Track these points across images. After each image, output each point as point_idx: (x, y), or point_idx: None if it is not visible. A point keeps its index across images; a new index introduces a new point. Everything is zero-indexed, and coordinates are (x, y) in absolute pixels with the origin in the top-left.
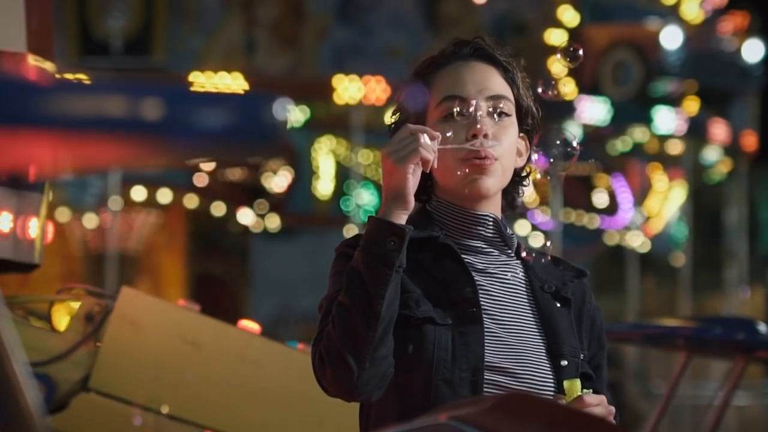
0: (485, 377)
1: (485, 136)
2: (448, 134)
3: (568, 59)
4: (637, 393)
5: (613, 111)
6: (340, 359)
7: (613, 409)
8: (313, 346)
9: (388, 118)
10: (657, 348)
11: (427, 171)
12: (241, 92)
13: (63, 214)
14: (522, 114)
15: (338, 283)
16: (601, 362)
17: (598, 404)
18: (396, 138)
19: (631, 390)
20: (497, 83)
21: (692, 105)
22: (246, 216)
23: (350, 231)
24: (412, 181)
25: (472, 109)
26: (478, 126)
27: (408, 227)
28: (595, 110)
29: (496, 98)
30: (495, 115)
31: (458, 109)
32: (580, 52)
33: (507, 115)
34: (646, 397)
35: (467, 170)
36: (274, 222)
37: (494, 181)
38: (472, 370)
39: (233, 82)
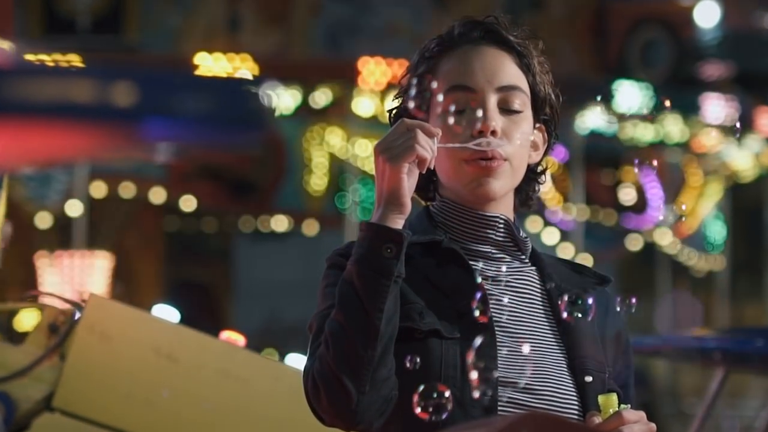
0: (500, 394)
1: (493, 133)
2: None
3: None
4: (669, 413)
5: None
6: (337, 383)
7: (654, 426)
8: (305, 372)
9: (388, 104)
10: (691, 363)
11: (424, 171)
12: (224, 76)
13: (24, 213)
14: (538, 104)
15: (329, 298)
16: (628, 381)
17: (637, 421)
18: (390, 134)
19: (663, 410)
20: (510, 72)
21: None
22: (230, 214)
23: (347, 232)
24: (408, 183)
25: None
26: (486, 122)
27: (406, 232)
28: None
29: (508, 89)
30: (506, 110)
31: (463, 102)
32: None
33: (519, 110)
34: (679, 417)
35: (472, 172)
36: (260, 221)
37: (502, 183)
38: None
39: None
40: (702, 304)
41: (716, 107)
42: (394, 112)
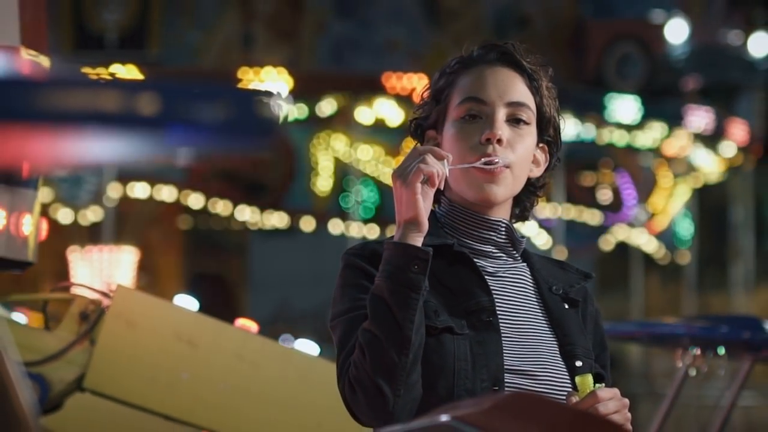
0: (506, 381)
1: (499, 141)
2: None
3: None
4: (641, 393)
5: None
6: (375, 389)
7: (627, 401)
8: (340, 377)
9: (410, 115)
10: (661, 347)
11: (435, 188)
12: (239, 86)
13: (57, 211)
14: (543, 123)
15: (348, 298)
16: (606, 364)
17: (611, 398)
18: (405, 159)
19: (636, 390)
20: (520, 90)
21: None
22: (244, 212)
23: (349, 228)
24: (423, 204)
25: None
26: (493, 131)
27: (429, 249)
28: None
29: (516, 105)
30: (513, 122)
31: (475, 112)
32: None
33: (525, 123)
34: (651, 397)
35: (478, 176)
36: (272, 219)
37: (503, 190)
38: (493, 380)
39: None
40: (671, 295)
41: (694, 117)
42: (414, 121)
